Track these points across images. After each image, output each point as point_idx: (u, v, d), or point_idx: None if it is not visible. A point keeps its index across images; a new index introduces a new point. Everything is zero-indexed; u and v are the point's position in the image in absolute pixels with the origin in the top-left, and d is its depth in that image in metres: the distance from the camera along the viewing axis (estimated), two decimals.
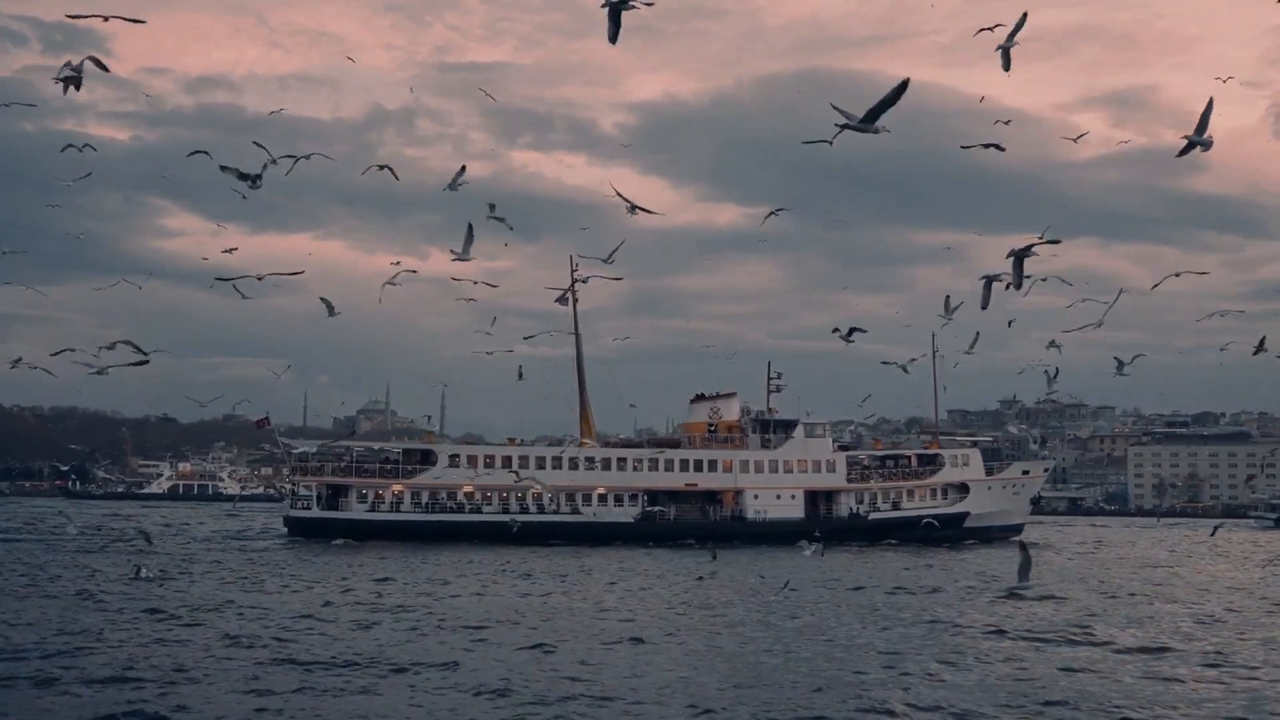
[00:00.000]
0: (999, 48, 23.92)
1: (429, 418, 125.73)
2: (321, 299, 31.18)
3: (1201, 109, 21.61)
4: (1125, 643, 27.32)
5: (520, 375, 63.59)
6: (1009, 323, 45.96)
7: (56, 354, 27.10)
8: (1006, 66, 23.99)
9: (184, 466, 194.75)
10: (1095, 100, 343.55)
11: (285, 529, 69.54)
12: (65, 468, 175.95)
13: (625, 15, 21.04)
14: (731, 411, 77.74)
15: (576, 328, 77.01)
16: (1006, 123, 36.26)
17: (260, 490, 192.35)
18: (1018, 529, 79.52)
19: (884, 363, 47.06)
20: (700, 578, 44.26)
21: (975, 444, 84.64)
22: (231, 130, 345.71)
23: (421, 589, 38.68)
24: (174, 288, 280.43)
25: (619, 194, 29.85)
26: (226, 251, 37.45)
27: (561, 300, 75.55)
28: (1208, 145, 23.22)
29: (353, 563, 50.57)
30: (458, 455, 71.09)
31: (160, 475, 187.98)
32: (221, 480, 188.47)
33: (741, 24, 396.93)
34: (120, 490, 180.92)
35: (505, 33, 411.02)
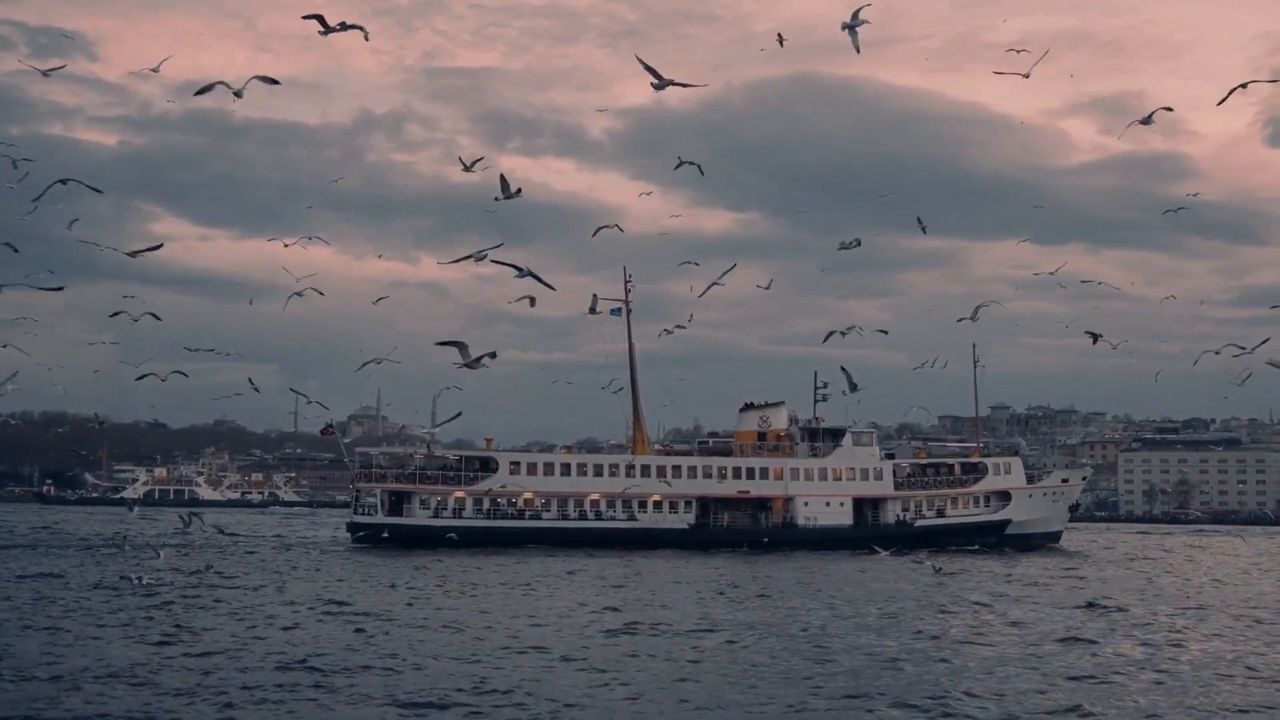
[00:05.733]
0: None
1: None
2: (501, 175, 29.91)
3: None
4: None
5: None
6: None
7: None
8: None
9: (159, 471, 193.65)
10: (1084, 106, 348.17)
11: (350, 535, 70.19)
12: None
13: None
14: (780, 420, 78.90)
15: (630, 339, 78.02)
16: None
17: (238, 496, 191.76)
18: (1056, 536, 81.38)
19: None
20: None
21: (1018, 452, 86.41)
22: (219, 135, 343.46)
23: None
24: (161, 292, 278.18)
25: (642, 63, 27.70)
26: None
27: (616, 311, 77.00)
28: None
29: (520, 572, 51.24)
30: (518, 463, 72.14)
31: (136, 480, 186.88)
32: (197, 485, 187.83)
33: (730, 29, 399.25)
34: (95, 496, 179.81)
35: (494, 38, 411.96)
